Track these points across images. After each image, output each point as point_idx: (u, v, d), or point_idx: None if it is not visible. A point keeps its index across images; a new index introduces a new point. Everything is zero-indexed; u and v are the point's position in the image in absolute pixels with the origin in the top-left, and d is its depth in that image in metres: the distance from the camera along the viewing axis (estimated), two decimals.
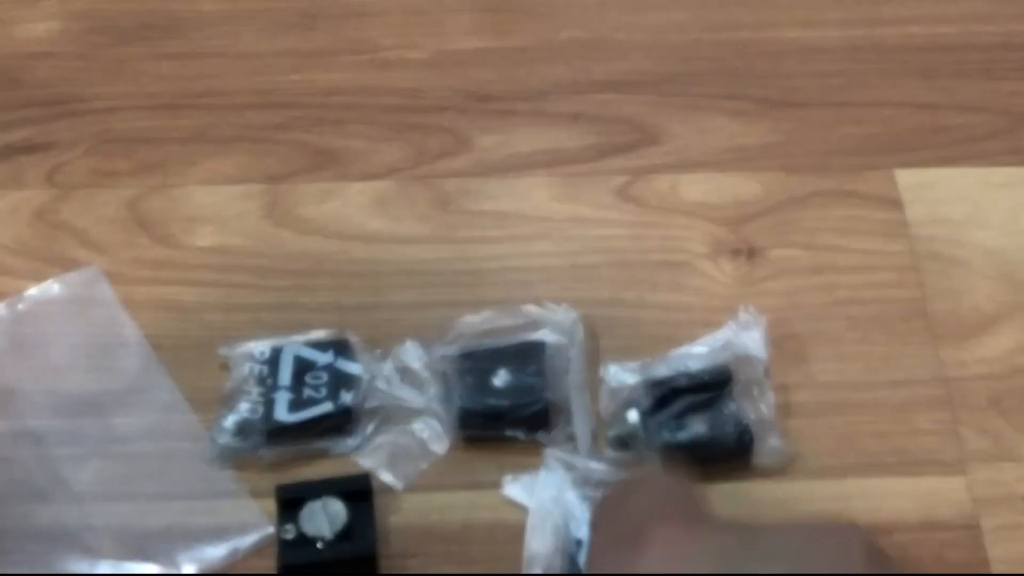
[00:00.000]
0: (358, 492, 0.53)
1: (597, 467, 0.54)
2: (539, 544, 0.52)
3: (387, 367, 0.58)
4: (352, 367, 0.57)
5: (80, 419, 0.57)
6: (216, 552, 0.53)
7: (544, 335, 0.58)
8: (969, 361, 0.59)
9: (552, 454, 0.54)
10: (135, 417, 0.57)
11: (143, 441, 0.56)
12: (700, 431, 0.55)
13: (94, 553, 0.53)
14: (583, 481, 0.53)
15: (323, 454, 0.56)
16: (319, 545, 0.51)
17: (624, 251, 0.63)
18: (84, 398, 0.57)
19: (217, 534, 0.53)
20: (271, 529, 0.53)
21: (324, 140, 0.69)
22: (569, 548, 0.51)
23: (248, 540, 0.53)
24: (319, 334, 0.58)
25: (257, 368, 0.57)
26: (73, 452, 0.56)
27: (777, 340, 0.58)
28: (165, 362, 0.59)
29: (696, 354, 0.57)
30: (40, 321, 0.60)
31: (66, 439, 0.56)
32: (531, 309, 0.59)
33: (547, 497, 0.53)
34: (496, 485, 0.55)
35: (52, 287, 0.61)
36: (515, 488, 0.54)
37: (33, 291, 0.61)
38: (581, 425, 0.56)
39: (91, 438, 0.56)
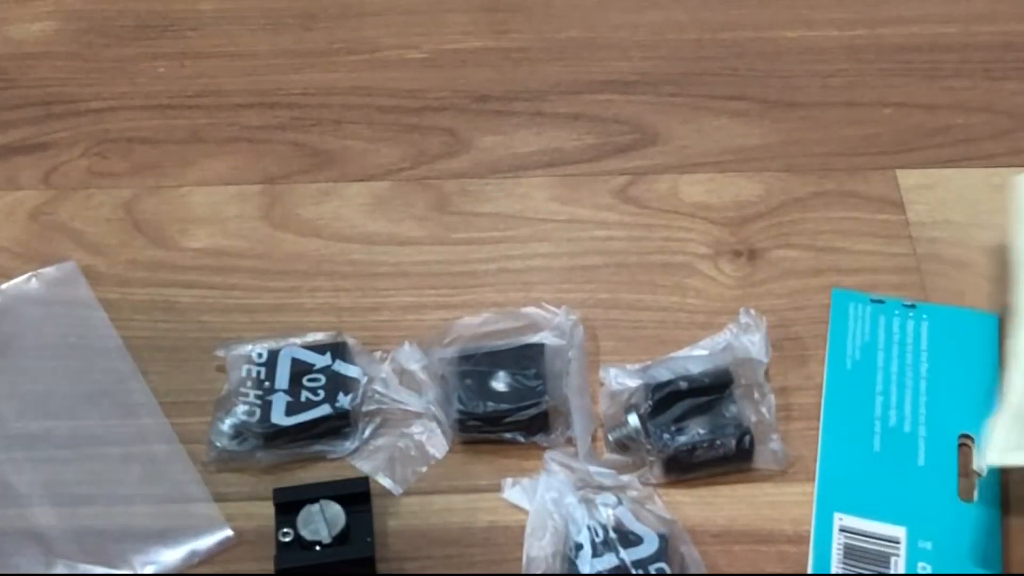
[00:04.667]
0: (356, 495, 0.52)
1: (597, 470, 0.54)
2: (539, 547, 0.51)
3: (385, 370, 0.57)
4: (350, 370, 0.57)
5: (47, 420, 0.56)
6: (173, 555, 0.52)
7: (543, 337, 0.58)
8: None
9: (552, 457, 0.54)
10: (104, 419, 0.57)
11: (111, 443, 0.56)
12: (700, 434, 0.54)
13: (53, 554, 0.52)
14: (583, 484, 0.53)
15: (321, 457, 0.55)
16: (317, 548, 0.51)
17: (624, 252, 0.63)
18: (52, 398, 0.57)
19: (175, 536, 0.53)
20: (230, 532, 0.53)
21: (322, 140, 0.69)
22: (569, 551, 0.51)
23: (206, 542, 0.53)
24: (317, 336, 0.58)
25: (254, 370, 0.57)
26: (37, 454, 0.55)
27: (778, 342, 0.58)
28: (157, 363, 0.59)
29: (696, 356, 0.57)
30: (13, 318, 0.60)
31: (31, 441, 0.56)
32: (530, 311, 0.59)
33: (547, 500, 0.52)
34: (495, 488, 0.54)
35: (29, 281, 0.61)
36: (515, 491, 0.54)
37: (8, 285, 0.61)
38: (581, 428, 0.55)
39: (57, 439, 0.56)
